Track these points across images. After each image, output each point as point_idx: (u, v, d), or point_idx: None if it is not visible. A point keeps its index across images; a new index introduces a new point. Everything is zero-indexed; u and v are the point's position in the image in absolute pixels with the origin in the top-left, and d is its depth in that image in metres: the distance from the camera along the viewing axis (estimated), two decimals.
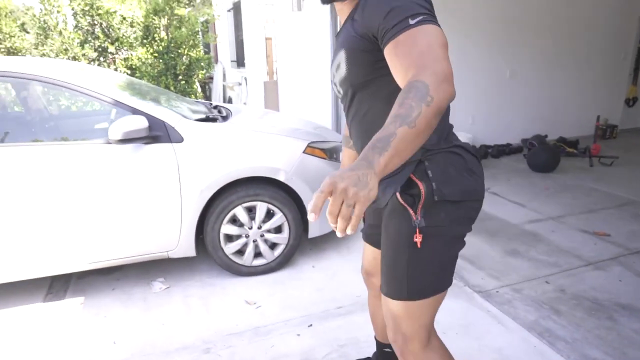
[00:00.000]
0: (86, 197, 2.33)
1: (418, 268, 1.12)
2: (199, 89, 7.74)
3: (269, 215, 2.72)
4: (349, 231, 0.74)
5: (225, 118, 2.94)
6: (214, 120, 2.79)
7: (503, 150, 5.54)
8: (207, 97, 10.17)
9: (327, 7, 4.64)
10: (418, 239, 1.10)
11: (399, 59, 0.90)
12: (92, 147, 2.37)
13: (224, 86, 9.87)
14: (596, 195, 4.03)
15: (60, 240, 2.36)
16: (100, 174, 2.34)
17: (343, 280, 2.69)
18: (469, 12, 5.26)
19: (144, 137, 2.36)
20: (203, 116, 2.78)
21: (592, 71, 6.13)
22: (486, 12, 5.35)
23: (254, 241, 2.73)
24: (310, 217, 0.71)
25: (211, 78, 10.21)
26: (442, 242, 1.13)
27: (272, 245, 2.79)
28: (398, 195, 1.12)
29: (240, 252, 2.75)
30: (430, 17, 0.93)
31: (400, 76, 0.91)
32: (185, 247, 2.60)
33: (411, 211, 1.10)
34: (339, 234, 0.74)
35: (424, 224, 1.09)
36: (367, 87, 1.14)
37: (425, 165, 1.11)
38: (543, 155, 4.82)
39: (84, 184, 2.32)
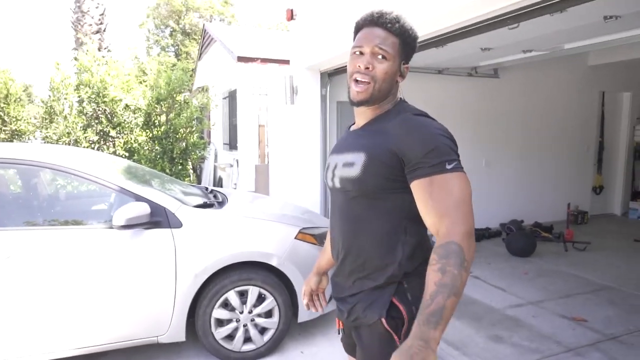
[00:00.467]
0: (81, 282, 2.41)
1: None
2: (191, 170, 8.01)
3: (260, 299, 2.80)
4: None
5: (221, 204, 3.13)
6: (211, 205, 2.97)
7: (483, 234, 5.78)
8: (198, 177, 10.44)
9: (318, 102, 5.10)
10: None
11: (433, 201, 1.05)
12: (93, 232, 2.50)
13: (215, 167, 10.20)
14: (572, 280, 4.21)
15: (52, 325, 2.39)
16: (99, 258, 2.45)
17: None
18: (447, 106, 5.80)
19: (145, 222, 2.52)
20: (201, 202, 2.96)
21: (561, 162, 6.62)
22: (462, 107, 5.90)
23: (244, 326, 2.78)
24: None
25: (203, 159, 10.58)
26: None
27: (262, 330, 2.84)
28: (384, 320, 1.14)
29: (230, 336, 2.78)
30: (459, 163, 1.10)
31: (431, 218, 1.06)
32: (176, 331, 2.63)
33: (395, 336, 1.13)
34: None
35: None
36: (372, 196, 1.19)
37: (405, 287, 1.16)
38: (521, 240, 5.05)
39: (82, 268, 2.41)
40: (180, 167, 5.96)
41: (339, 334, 1.44)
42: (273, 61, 8.52)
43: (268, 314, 2.83)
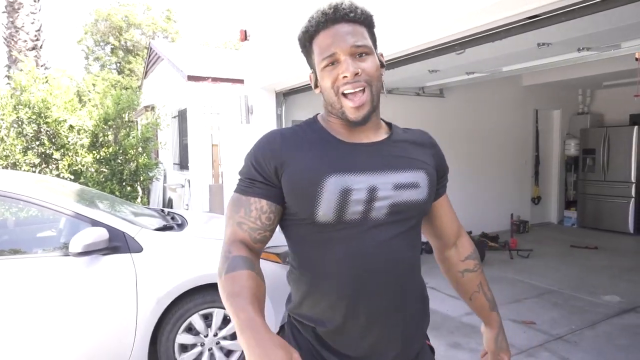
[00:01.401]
0: (35, 313, 2.27)
1: None
2: (140, 192, 7.72)
3: (226, 321, 2.76)
4: None
5: (180, 226, 3.06)
6: (170, 228, 2.90)
7: None
8: (147, 198, 10.07)
9: (274, 121, 5.15)
10: None
11: (452, 210, 1.23)
12: (47, 261, 2.37)
13: (164, 187, 9.89)
14: (519, 285, 4.48)
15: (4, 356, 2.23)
16: (54, 288, 2.32)
17: None
18: (399, 124, 6.03)
19: (104, 248, 2.42)
20: (161, 225, 2.89)
21: (503, 175, 7.08)
22: (410, 125, 6.15)
23: (209, 350, 2.72)
24: None
25: (152, 179, 10.23)
26: None
27: (228, 353, 2.79)
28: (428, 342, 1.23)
29: None
30: None
31: (452, 225, 1.22)
32: (138, 359, 2.53)
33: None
34: None
35: None
36: (420, 222, 1.09)
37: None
38: None
39: (34, 299, 2.28)
40: (129, 188, 5.74)
41: None
42: (225, 80, 8.50)
43: (234, 336, 2.79)
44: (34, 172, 5.30)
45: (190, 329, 2.68)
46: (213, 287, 2.72)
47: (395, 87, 5.92)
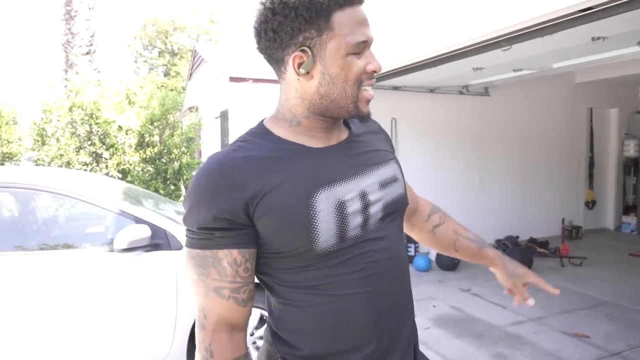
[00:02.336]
0: (80, 306, 2.36)
1: None
2: (184, 191, 7.95)
3: (262, 321, 2.76)
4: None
5: None
6: None
7: None
8: None
9: None
10: None
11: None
12: (93, 255, 2.45)
13: None
14: (571, 295, 4.22)
15: (51, 350, 2.33)
16: (99, 282, 2.40)
17: None
18: (439, 124, 5.88)
19: (146, 245, 2.48)
20: None
21: (554, 177, 6.72)
22: (454, 125, 5.99)
23: None
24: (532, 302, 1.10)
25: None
26: None
27: None
28: None
29: None
30: None
31: (411, 195, 1.06)
32: (177, 354, 2.57)
33: None
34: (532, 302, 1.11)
35: None
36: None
37: None
38: (517, 256, 5.05)
39: (80, 292, 2.37)
40: (173, 187, 5.92)
41: None
42: (266, 81, 8.60)
43: None
44: (86, 170, 5.58)
45: None
46: None
47: (437, 86, 5.75)
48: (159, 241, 2.55)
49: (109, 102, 5.77)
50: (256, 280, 0.87)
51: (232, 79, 8.61)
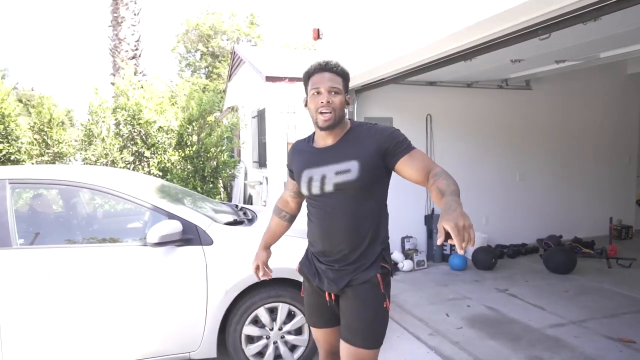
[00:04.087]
0: (116, 298, 2.47)
1: (384, 325, 1.68)
2: (222, 188, 8.15)
3: (290, 316, 2.79)
4: (469, 246, 1.20)
5: (250, 221, 3.16)
6: (241, 223, 3.00)
7: (519, 251, 5.57)
8: (229, 194, 10.62)
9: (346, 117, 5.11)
10: (388, 304, 1.68)
11: (417, 162, 1.58)
12: (128, 250, 2.57)
13: (245, 184, 10.35)
14: (617, 298, 3.98)
15: (90, 339, 2.46)
16: (134, 275, 2.51)
17: None
18: (477, 120, 5.71)
19: (178, 240, 2.56)
20: (231, 219, 3.00)
21: (602, 174, 6.36)
22: (493, 120, 5.79)
23: (274, 343, 2.77)
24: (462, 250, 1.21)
25: (233, 177, 10.77)
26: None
27: (292, 347, 2.82)
28: (378, 275, 1.66)
29: (260, 353, 2.77)
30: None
31: (418, 172, 1.56)
32: (207, 347, 2.65)
33: (382, 286, 1.67)
34: (461, 251, 1.21)
35: (387, 294, 1.69)
36: (367, 189, 1.64)
37: (384, 254, 1.70)
38: (560, 256, 4.84)
39: (117, 284, 2.48)
40: (211, 185, 6.08)
41: (329, 304, 1.77)
42: (301, 80, 8.64)
43: (298, 331, 2.81)
44: (129, 169, 5.84)
45: (256, 322, 2.75)
46: (278, 282, 2.76)
47: (474, 80, 5.57)
48: (190, 236, 2.63)
49: (150, 103, 6.00)
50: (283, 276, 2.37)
51: (268, 79, 8.72)
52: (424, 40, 3.20)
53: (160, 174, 5.86)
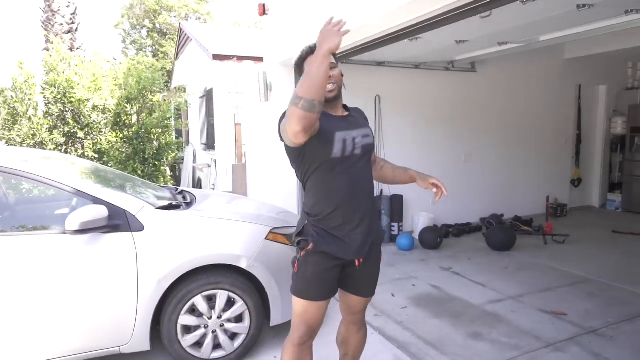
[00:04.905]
0: (33, 290, 2.25)
1: None
2: (169, 171, 7.80)
3: (230, 303, 2.67)
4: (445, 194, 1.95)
5: (189, 204, 2.98)
6: (177, 207, 2.82)
7: (463, 230, 5.73)
8: (177, 178, 10.22)
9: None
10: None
11: None
12: (44, 238, 2.33)
13: (193, 167, 9.99)
14: (552, 273, 4.18)
15: (4, 336, 2.23)
16: (52, 265, 2.29)
17: None
18: (424, 101, 5.74)
19: (103, 226, 2.36)
20: (166, 203, 2.81)
21: (540, 155, 6.63)
22: (440, 102, 5.85)
23: (213, 332, 2.65)
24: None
25: (182, 159, 10.36)
26: None
27: (232, 336, 2.71)
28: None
29: (198, 344, 2.64)
30: None
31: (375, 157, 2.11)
32: (140, 340, 2.49)
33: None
34: (445, 195, 1.99)
35: None
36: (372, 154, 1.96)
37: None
38: (501, 234, 5.01)
39: (33, 275, 2.25)
40: (153, 168, 5.76)
41: (357, 265, 1.89)
42: (249, 59, 8.37)
43: (238, 319, 2.70)
44: (60, 151, 5.40)
45: (193, 311, 2.61)
46: (217, 268, 2.63)
47: (422, 62, 5.58)
48: (118, 222, 2.43)
49: (84, 80, 5.55)
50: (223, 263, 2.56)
51: (216, 57, 8.36)
52: (367, 16, 3.11)
53: (96, 156, 5.47)
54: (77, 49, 11.02)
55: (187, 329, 2.61)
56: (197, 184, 9.75)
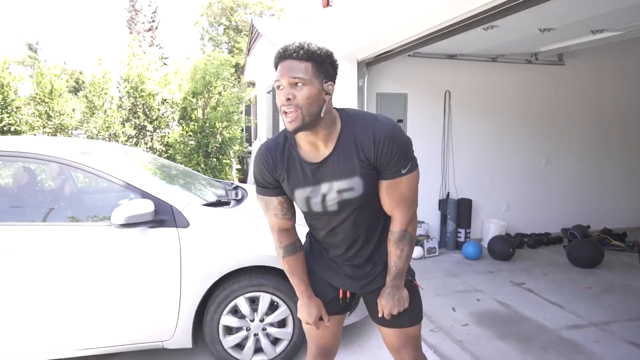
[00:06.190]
0: (80, 281, 2.28)
1: (419, 300, 1.66)
2: (236, 165, 7.95)
3: (273, 307, 2.55)
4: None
5: (239, 201, 2.90)
6: (226, 204, 2.75)
7: (541, 240, 5.17)
8: (245, 172, 10.45)
9: (355, 94, 4.76)
10: (416, 283, 1.67)
11: (395, 193, 1.42)
12: (94, 230, 2.36)
13: None
14: None
15: (53, 324, 2.28)
16: (100, 258, 2.31)
17: None
18: (501, 98, 5.25)
19: (149, 221, 2.33)
20: (214, 199, 2.75)
21: (635, 160, 5.81)
22: (519, 99, 5.32)
23: (255, 335, 2.54)
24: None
25: (250, 153, 10.56)
26: None
27: (275, 341, 2.59)
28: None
29: (240, 345, 2.56)
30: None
31: (389, 201, 1.44)
32: (182, 337, 2.45)
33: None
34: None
35: (411, 275, 1.65)
36: (372, 202, 1.44)
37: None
38: (585, 249, 4.42)
39: (82, 268, 2.28)
40: (216, 161, 5.86)
41: (340, 302, 1.62)
42: None
43: (281, 324, 2.58)
44: (131, 143, 5.68)
45: (235, 312, 2.52)
46: (261, 269, 2.52)
47: (500, 54, 5.09)
48: (164, 217, 2.40)
49: (154, 74, 5.77)
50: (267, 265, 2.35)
51: None
52: (428, 6, 2.81)
53: (164, 149, 5.66)
54: (157, 46, 11.68)
55: (229, 330, 2.54)
56: None
